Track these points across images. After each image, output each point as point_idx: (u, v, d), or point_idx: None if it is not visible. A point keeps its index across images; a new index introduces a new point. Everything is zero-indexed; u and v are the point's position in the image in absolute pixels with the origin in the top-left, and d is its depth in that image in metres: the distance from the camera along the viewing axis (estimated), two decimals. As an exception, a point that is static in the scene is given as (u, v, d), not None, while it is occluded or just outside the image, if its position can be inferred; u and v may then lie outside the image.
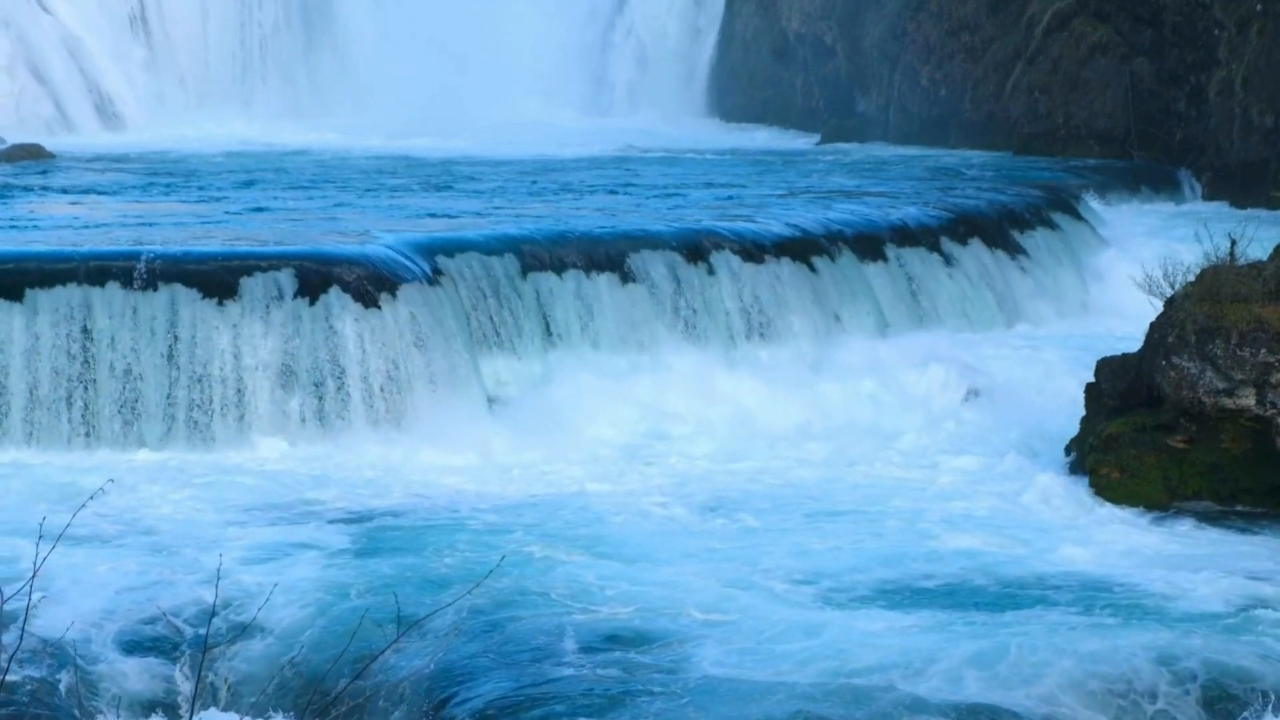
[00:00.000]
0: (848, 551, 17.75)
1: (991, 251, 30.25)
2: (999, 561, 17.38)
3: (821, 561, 17.38)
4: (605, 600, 16.00)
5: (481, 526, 18.50)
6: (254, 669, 14.82)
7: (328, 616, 15.51)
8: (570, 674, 14.41)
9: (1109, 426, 19.87)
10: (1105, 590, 16.41)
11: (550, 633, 15.20)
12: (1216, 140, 42.37)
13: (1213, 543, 18.15)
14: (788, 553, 17.65)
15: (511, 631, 15.24)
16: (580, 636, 15.14)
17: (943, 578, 16.85)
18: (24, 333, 21.61)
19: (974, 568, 17.15)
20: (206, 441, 21.52)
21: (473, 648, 14.89)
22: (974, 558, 17.46)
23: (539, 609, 15.74)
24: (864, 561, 17.39)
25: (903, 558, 17.47)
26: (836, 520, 18.92)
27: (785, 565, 17.22)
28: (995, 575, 16.93)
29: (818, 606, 16.03)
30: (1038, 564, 17.30)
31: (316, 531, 18.33)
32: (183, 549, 17.59)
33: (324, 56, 60.25)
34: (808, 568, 17.15)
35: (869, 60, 54.95)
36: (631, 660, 14.68)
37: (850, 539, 18.16)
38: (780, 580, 16.76)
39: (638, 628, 15.36)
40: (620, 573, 16.81)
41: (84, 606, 15.82)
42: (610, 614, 15.67)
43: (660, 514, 19.10)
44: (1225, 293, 19.48)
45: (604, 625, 15.41)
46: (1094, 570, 17.13)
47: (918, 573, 16.97)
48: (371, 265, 23.05)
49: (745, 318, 25.67)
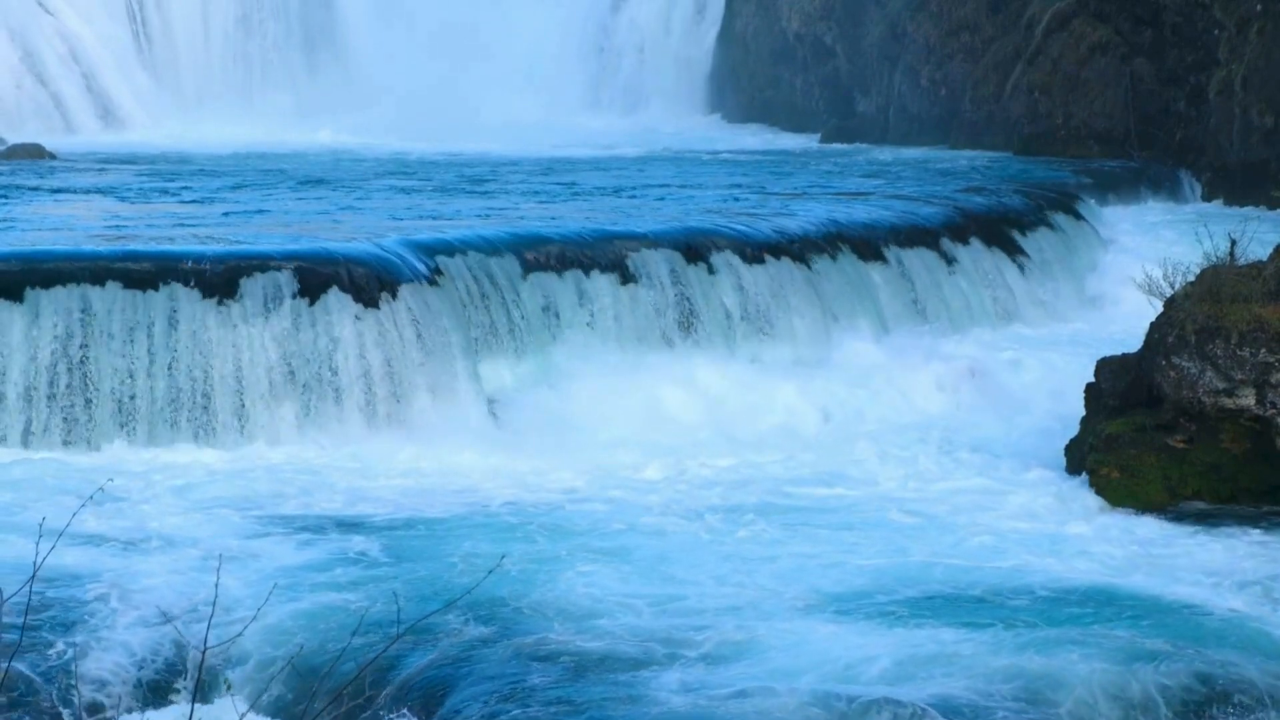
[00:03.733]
0: (846, 556, 17.71)
1: (991, 251, 30.27)
2: (999, 562, 17.36)
3: (820, 567, 17.35)
4: (605, 601, 16.00)
5: (481, 527, 18.50)
6: (254, 669, 14.81)
7: (328, 616, 15.51)
8: (570, 674, 14.40)
9: (1109, 426, 19.86)
10: (1105, 590, 16.39)
11: (550, 633, 15.20)
12: (1216, 140, 42.37)
13: (1212, 543, 18.14)
14: (787, 556, 17.63)
15: (511, 632, 15.23)
16: (580, 637, 15.13)
17: (943, 579, 16.81)
18: (24, 333, 21.60)
19: (975, 569, 17.12)
20: (206, 441, 21.51)
21: (472, 648, 14.89)
22: (975, 559, 17.44)
23: (539, 609, 15.74)
24: (864, 563, 17.37)
25: (903, 559, 17.45)
26: (835, 523, 18.89)
27: (785, 569, 17.20)
28: (996, 576, 16.90)
29: (816, 611, 16.00)
30: (1038, 564, 17.28)
31: (316, 531, 18.32)
32: (182, 548, 17.58)
33: (324, 57, 60.27)
34: (805, 572, 17.12)
35: (869, 60, 54.95)
36: (632, 660, 14.67)
37: (848, 543, 18.13)
38: (780, 583, 16.74)
39: (638, 628, 15.35)
40: (620, 573, 16.80)
41: (84, 605, 15.82)
42: (610, 615, 15.67)
43: (659, 515, 19.08)
44: (1225, 293, 19.48)
45: (604, 626, 15.40)
46: (1094, 570, 17.12)
47: (917, 575, 16.94)
48: (371, 265, 23.05)
49: (745, 318, 25.66)
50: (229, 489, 19.92)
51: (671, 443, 22.10)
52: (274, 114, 55.77)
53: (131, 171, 38.85)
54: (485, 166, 41.02)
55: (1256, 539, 18.22)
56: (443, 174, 39.00)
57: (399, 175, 38.57)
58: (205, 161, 41.83)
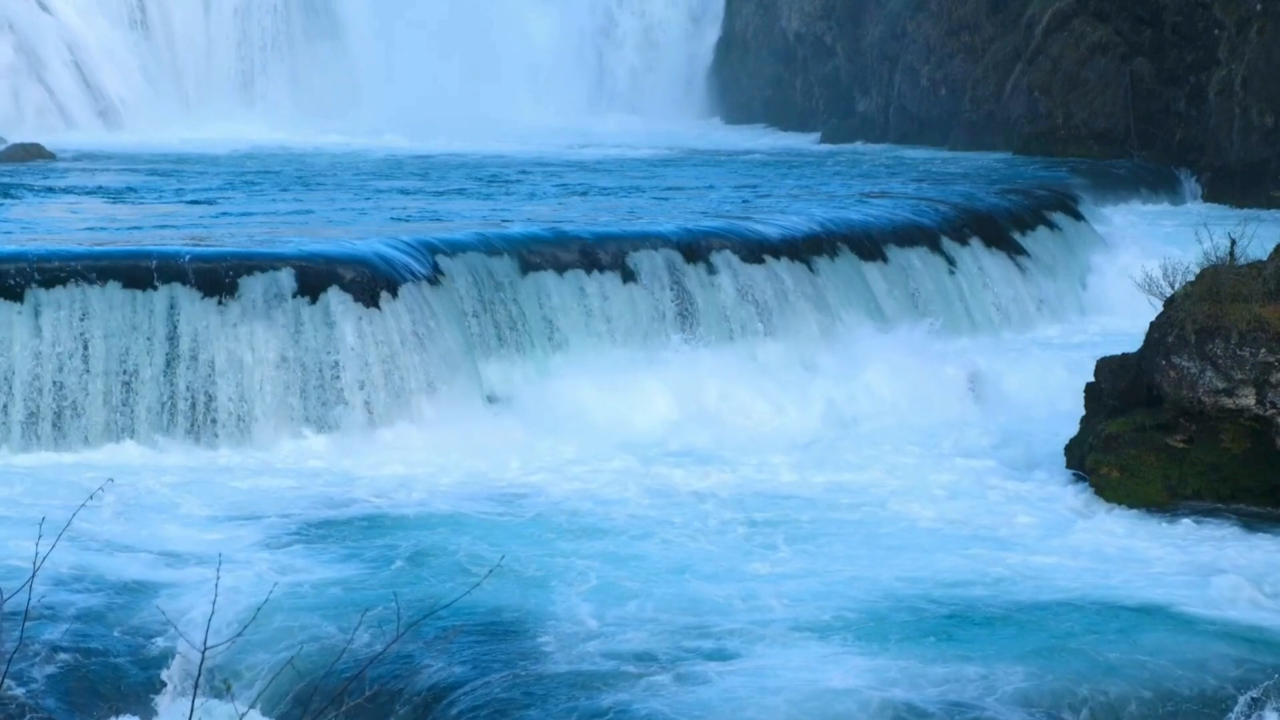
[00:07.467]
0: (846, 556, 17.72)
1: (991, 251, 30.28)
2: (998, 560, 17.36)
3: (819, 567, 17.36)
4: (605, 601, 16.00)
5: (481, 525, 18.50)
6: (254, 669, 14.81)
7: (328, 616, 15.51)
8: (570, 675, 14.40)
9: (1109, 426, 19.87)
10: (1106, 591, 16.40)
11: (549, 633, 15.20)
12: (1216, 140, 42.38)
13: (1212, 542, 18.14)
14: (785, 557, 17.64)
15: (510, 632, 15.24)
16: (579, 637, 15.13)
17: (943, 579, 16.81)
18: (24, 332, 21.61)
19: (974, 568, 17.12)
20: (205, 441, 21.51)
21: (472, 648, 14.89)
22: (973, 558, 17.44)
23: (537, 609, 15.74)
24: (864, 563, 17.38)
25: (902, 559, 17.45)
26: (834, 523, 18.90)
27: (783, 570, 17.21)
28: (994, 575, 16.90)
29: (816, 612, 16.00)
30: (1037, 563, 17.29)
31: (316, 531, 18.33)
32: (181, 548, 17.59)
33: (325, 57, 60.25)
34: (804, 573, 17.14)
35: (869, 60, 54.96)
36: (632, 660, 14.67)
37: (847, 543, 18.13)
38: (777, 585, 16.74)
39: (637, 628, 15.35)
40: (620, 573, 16.81)
41: (84, 605, 15.83)
42: (610, 615, 15.67)
43: (659, 515, 19.09)
44: (1225, 292, 19.48)
45: (604, 626, 15.41)
46: (1094, 570, 17.12)
47: (917, 575, 16.94)
48: (371, 265, 23.05)
49: (745, 318, 25.67)
50: (228, 489, 19.92)
51: (670, 442, 22.12)
52: (274, 114, 55.79)
53: (131, 171, 38.86)
54: (485, 167, 41.04)
55: (1256, 539, 18.22)
56: (443, 174, 39.02)
57: (398, 175, 38.58)
58: (205, 161, 41.84)
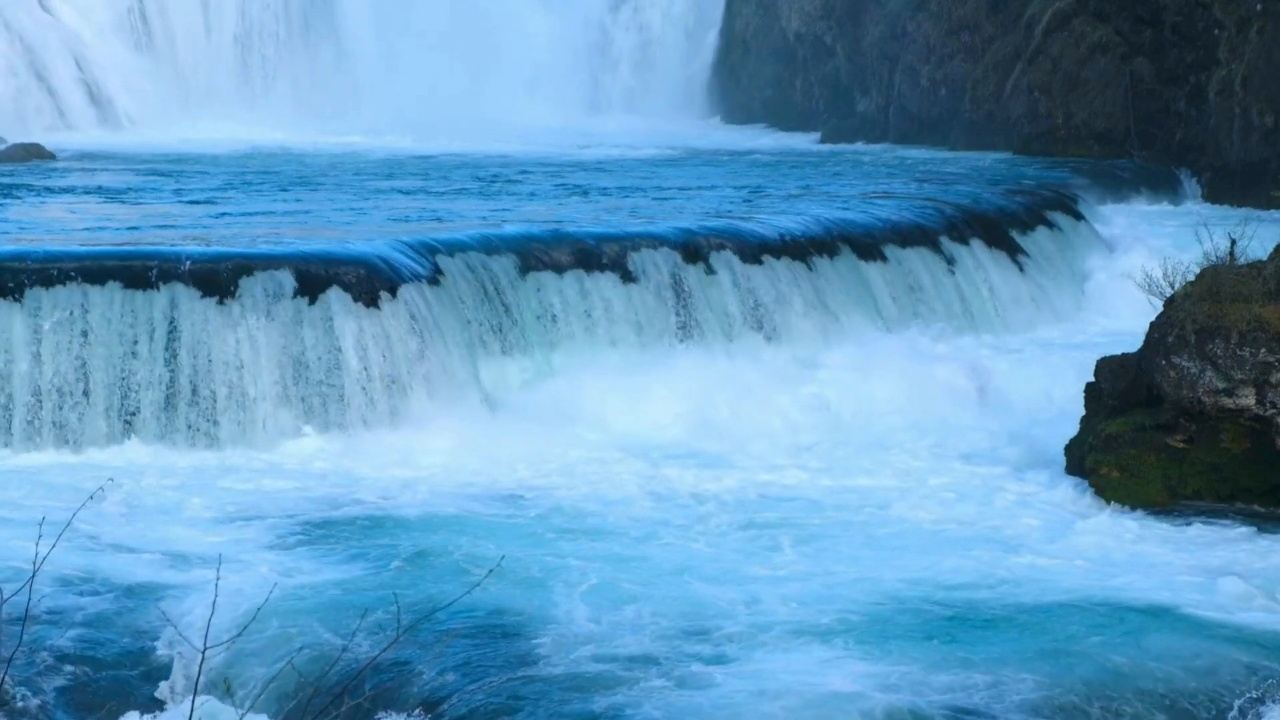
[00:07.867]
0: (846, 557, 17.72)
1: (991, 251, 30.27)
2: (998, 561, 17.36)
3: (819, 568, 17.36)
4: (604, 602, 16.00)
5: (481, 527, 18.50)
6: (254, 669, 14.81)
7: (328, 617, 15.51)
8: (568, 678, 14.40)
9: (1109, 426, 19.86)
10: (1111, 593, 16.39)
11: (549, 635, 15.20)
12: (1216, 140, 42.37)
13: (1213, 542, 18.14)
14: (785, 557, 17.63)
15: (510, 632, 15.24)
16: (578, 638, 15.13)
17: (943, 579, 16.81)
18: (24, 332, 21.60)
19: (973, 568, 17.12)
20: (205, 441, 21.51)
21: (472, 648, 14.89)
22: (974, 558, 17.44)
23: (537, 610, 15.74)
24: (864, 563, 17.38)
25: (902, 559, 17.45)
26: (834, 524, 18.90)
27: (784, 572, 17.20)
28: (994, 575, 16.90)
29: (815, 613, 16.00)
30: (1037, 563, 17.29)
31: (316, 531, 18.33)
32: (181, 548, 17.59)
33: (324, 57, 60.29)
34: (803, 574, 17.14)
35: (869, 60, 54.96)
36: (631, 663, 14.67)
37: (847, 544, 18.13)
38: (777, 586, 16.74)
39: (636, 630, 15.35)
40: (619, 574, 16.80)
41: (87, 606, 15.83)
42: (609, 615, 15.66)
43: (658, 516, 19.08)
44: (1225, 292, 19.47)
45: (604, 628, 15.40)
46: (1094, 570, 17.12)
47: (917, 575, 16.94)
48: (371, 265, 23.05)
49: (745, 318, 25.67)
50: (228, 489, 19.93)
51: (670, 443, 22.11)
52: (274, 114, 55.79)
53: (131, 171, 38.86)
54: (485, 167, 41.04)
55: (1256, 539, 18.22)
56: (443, 174, 39.02)
57: (398, 175, 38.58)
58: (205, 161, 41.84)
